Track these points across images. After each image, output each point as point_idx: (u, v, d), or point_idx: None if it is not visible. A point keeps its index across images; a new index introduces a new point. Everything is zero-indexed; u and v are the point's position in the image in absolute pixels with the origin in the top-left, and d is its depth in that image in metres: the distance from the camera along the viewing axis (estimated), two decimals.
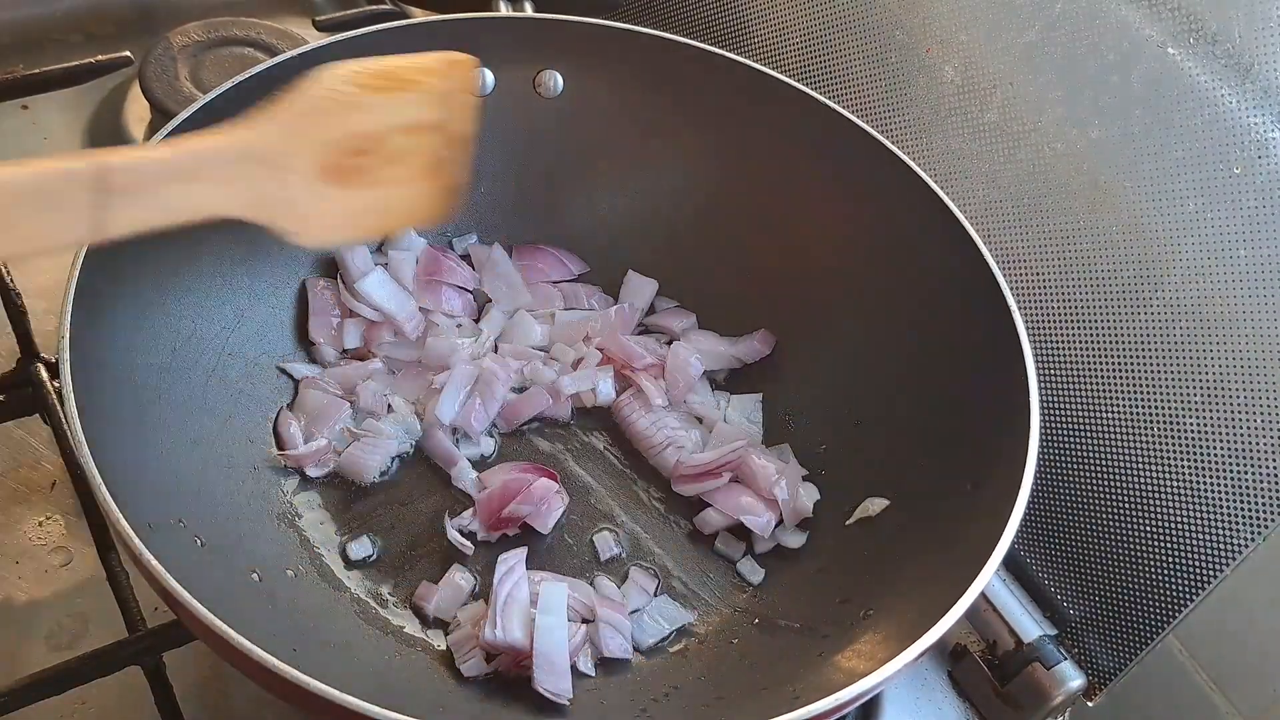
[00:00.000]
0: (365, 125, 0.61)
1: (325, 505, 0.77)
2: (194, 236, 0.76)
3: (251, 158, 0.55)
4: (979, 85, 0.86)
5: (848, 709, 0.58)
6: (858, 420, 0.83)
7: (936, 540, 0.71)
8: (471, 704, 0.69)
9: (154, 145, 0.50)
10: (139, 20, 1.12)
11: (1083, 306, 0.80)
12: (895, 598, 0.70)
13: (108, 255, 0.68)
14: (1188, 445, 0.74)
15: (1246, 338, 0.72)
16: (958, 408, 0.76)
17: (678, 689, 0.71)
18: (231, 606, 0.57)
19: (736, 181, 0.89)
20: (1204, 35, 0.74)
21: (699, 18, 1.05)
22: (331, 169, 0.59)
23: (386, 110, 0.62)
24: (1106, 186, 0.79)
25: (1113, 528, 0.77)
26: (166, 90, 0.98)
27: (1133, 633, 0.76)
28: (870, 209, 0.84)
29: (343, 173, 0.60)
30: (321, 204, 0.59)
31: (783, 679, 0.69)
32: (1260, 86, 0.71)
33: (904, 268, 0.82)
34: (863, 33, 0.93)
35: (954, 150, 0.87)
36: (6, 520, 0.78)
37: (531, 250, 0.91)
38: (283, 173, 0.56)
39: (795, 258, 0.88)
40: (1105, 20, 0.79)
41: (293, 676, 0.54)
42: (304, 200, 0.58)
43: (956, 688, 0.80)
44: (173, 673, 0.69)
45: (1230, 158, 0.72)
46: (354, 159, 0.60)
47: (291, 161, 0.57)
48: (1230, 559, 0.71)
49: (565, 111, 0.90)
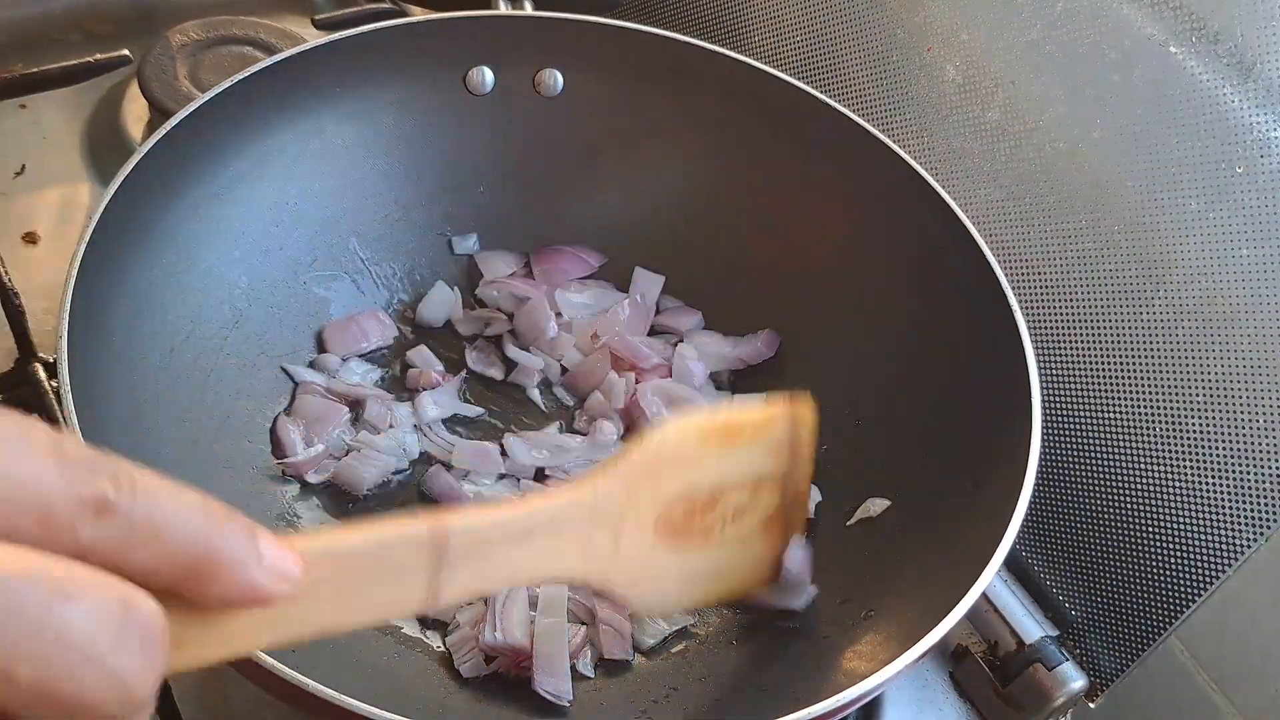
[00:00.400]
0: (705, 481, 0.58)
1: (325, 506, 0.77)
2: (194, 237, 0.77)
3: (593, 518, 0.51)
4: (980, 84, 0.86)
5: (849, 710, 0.58)
6: (858, 420, 0.83)
7: (938, 541, 0.71)
8: (471, 705, 0.69)
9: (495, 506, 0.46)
10: (138, 19, 1.12)
11: (1085, 306, 0.80)
12: (896, 598, 0.70)
13: (106, 255, 0.67)
14: (1190, 445, 0.74)
15: (1249, 338, 0.71)
16: (959, 407, 0.76)
17: (677, 690, 0.71)
18: None
19: (737, 180, 0.89)
20: (1206, 34, 0.74)
21: (699, 16, 1.05)
22: (669, 528, 0.56)
23: (727, 464, 0.59)
24: (1108, 185, 0.78)
25: (1115, 528, 0.77)
26: (165, 89, 0.98)
27: (1135, 634, 0.76)
28: (871, 208, 0.84)
29: (678, 531, 0.57)
30: (658, 566, 0.56)
31: (783, 680, 0.69)
32: (1263, 85, 0.71)
33: (905, 267, 0.82)
34: (864, 31, 0.93)
35: (955, 149, 0.87)
36: None
37: (550, 253, 0.91)
38: (621, 532, 0.53)
39: (796, 257, 0.87)
40: (1107, 19, 0.78)
41: (291, 677, 0.53)
42: (638, 559, 0.55)
43: (958, 689, 0.80)
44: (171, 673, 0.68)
45: (1233, 157, 0.72)
46: (692, 517, 0.57)
47: (630, 520, 0.54)
48: (1233, 560, 0.71)
49: (565, 110, 0.89)
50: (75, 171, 0.99)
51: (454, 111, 0.88)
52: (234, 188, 0.79)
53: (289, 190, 0.82)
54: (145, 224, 0.73)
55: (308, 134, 0.83)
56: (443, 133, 0.88)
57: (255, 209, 0.80)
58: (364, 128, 0.85)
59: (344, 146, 0.85)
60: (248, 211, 0.80)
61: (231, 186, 0.79)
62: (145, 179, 0.71)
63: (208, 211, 0.77)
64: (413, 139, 0.87)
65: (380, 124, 0.86)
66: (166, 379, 0.73)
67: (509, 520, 0.46)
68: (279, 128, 0.81)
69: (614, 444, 0.82)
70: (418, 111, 0.87)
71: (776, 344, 0.87)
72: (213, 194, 0.77)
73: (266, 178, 0.81)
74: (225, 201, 0.78)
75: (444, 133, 0.88)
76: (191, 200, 0.76)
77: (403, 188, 0.88)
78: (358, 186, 0.86)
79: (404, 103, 0.86)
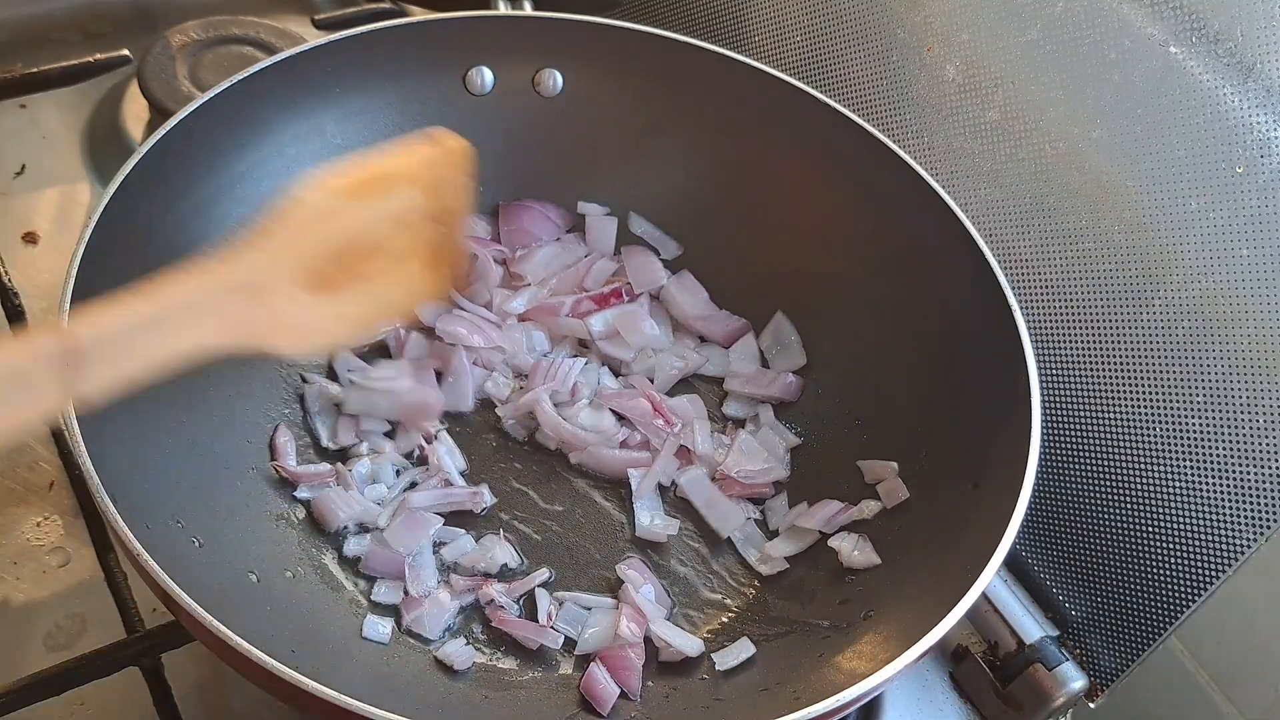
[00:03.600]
0: (349, 229, 0.59)
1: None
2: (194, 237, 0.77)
3: (229, 289, 0.53)
4: (981, 84, 0.85)
5: (849, 710, 0.58)
6: (858, 420, 0.83)
7: (938, 541, 0.71)
8: (469, 705, 0.69)
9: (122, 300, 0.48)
10: (137, 19, 1.12)
11: (1085, 306, 0.80)
12: (896, 598, 0.70)
13: (106, 255, 0.67)
14: (1190, 445, 0.74)
15: (1249, 337, 0.71)
16: (959, 407, 0.76)
17: (677, 690, 0.71)
18: (230, 607, 0.57)
19: (736, 180, 0.89)
20: (1206, 34, 0.74)
21: (699, 16, 1.05)
22: (314, 279, 0.57)
23: (372, 209, 0.60)
24: (1108, 185, 0.78)
25: (1115, 528, 0.77)
26: (165, 89, 0.98)
27: (1135, 633, 0.76)
28: (871, 209, 0.84)
29: (326, 280, 0.58)
30: (309, 315, 0.57)
31: (783, 680, 0.69)
32: (1262, 85, 0.71)
33: (905, 267, 0.82)
34: (864, 31, 0.93)
35: (955, 149, 0.87)
36: (4, 521, 0.77)
37: (516, 211, 0.90)
38: (264, 297, 0.54)
39: (795, 257, 0.87)
40: (1107, 19, 0.78)
41: (291, 677, 0.53)
42: (290, 316, 0.56)
43: (958, 689, 0.80)
44: (171, 674, 0.69)
45: (1232, 157, 0.72)
46: (337, 263, 0.58)
47: (271, 284, 0.55)
48: (1232, 560, 0.71)
49: (565, 110, 0.89)
50: (75, 171, 0.99)
51: (454, 111, 0.88)
52: (234, 188, 0.79)
53: (289, 190, 0.82)
54: (145, 224, 0.73)
55: (308, 134, 0.83)
56: None
57: (255, 209, 0.80)
58: (364, 128, 0.85)
59: (343, 146, 0.84)
60: (248, 212, 0.80)
61: (232, 186, 0.78)
62: (145, 179, 0.71)
63: (208, 211, 0.77)
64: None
65: (380, 124, 0.86)
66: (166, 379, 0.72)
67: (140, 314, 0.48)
68: (279, 128, 0.81)
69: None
70: (418, 111, 0.87)
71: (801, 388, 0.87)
72: (213, 194, 0.77)
73: (266, 177, 0.80)
74: (225, 201, 0.78)
75: None
76: (191, 200, 0.76)
77: None
78: None
79: (404, 103, 0.86)
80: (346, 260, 0.59)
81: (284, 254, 0.56)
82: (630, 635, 0.72)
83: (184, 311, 0.51)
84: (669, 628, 0.73)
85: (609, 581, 0.76)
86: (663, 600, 0.75)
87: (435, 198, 0.64)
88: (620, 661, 0.70)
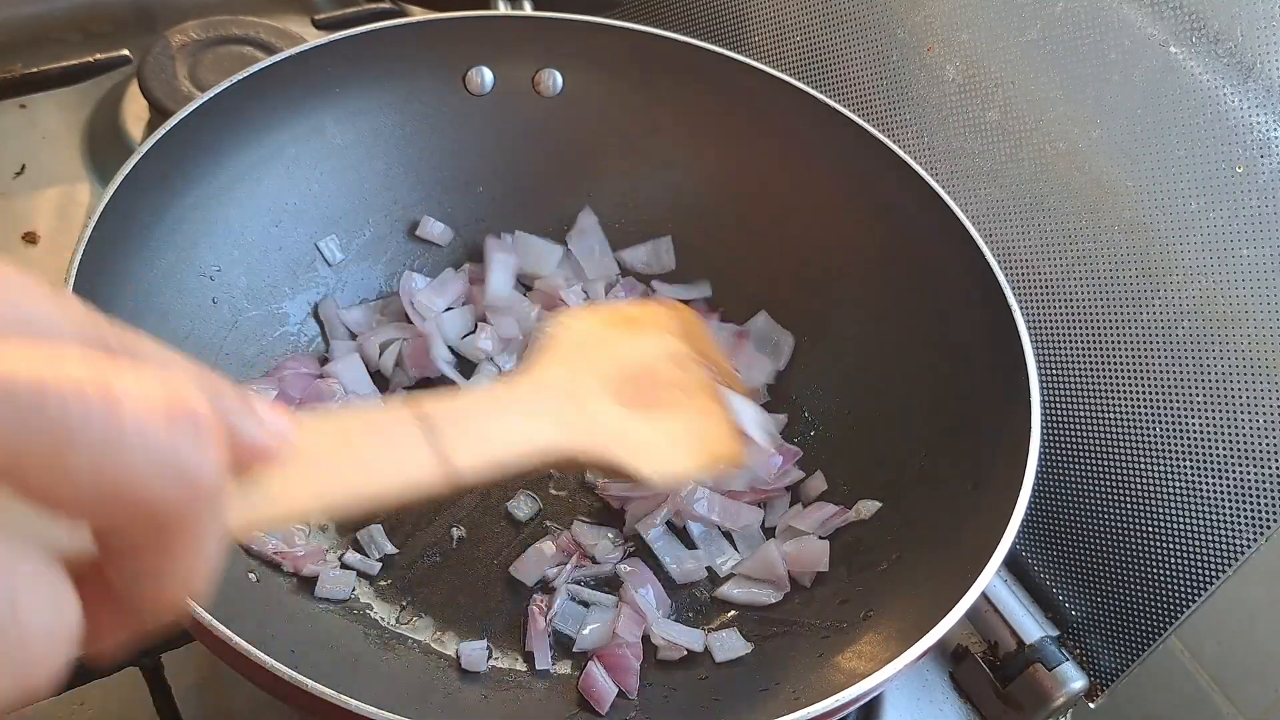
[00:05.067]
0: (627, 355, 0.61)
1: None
2: (194, 237, 0.77)
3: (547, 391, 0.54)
4: (980, 84, 0.85)
5: (848, 710, 0.58)
6: (857, 420, 0.83)
7: (938, 541, 0.71)
8: (468, 704, 0.69)
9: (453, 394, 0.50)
10: (137, 19, 1.12)
11: (1085, 306, 0.80)
12: (896, 598, 0.70)
13: (105, 256, 0.67)
14: (1190, 445, 0.74)
15: (1249, 337, 0.71)
16: (959, 408, 0.76)
17: (676, 690, 0.71)
18: (229, 608, 0.56)
19: (736, 180, 0.89)
20: (1206, 34, 0.74)
21: (699, 16, 1.05)
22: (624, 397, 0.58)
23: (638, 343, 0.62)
24: (1108, 185, 0.78)
25: (1115, 528, 0.77)
26: (165, 89, 0.98)
27: (1135, 634, 0.76)
28: (871, 209, 0.84)
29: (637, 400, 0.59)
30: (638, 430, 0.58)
31: (783, 680, 0.69)
32: (1263, 85, 0.71)
33: (904, 267, 0.82)
34: (864, 31, 0.93)
35: (955, 149, 0.87)
36: None
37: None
38: (581, 401, 0.55)
39: (794, 257, 0.87)
40: (1107, 19, 0.78)
41: (291, 678, 0.53)
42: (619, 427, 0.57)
43: (958, 689, 0.80)
44: (171, 674, 0.69)
45: (1233, 157, 0.72)
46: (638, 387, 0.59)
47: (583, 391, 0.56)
48: (1233, 560, 0.71)
49: (565, 110, 0.89)
50: (75, 171, 0.99)
51: (454, 111, 0.88)
52: (234, 188, 0.79)
53: (288, 190, 0.82)
54: (145, 224, 0.73)
55: (307, 134, 0.83)
56: (442, 133, 0.88)
57: (255, 209, 0.80)
58: (364, 128, 0.85)
59: (344, 146, 0.85)
60: (247, 211, 0.80)
61: (231, 186, 0.79)
62: (145, 179, 0.71)
63: (207, 212, 0.77)
64: (413, 139, 0.87)
65: (380, 124, 0.86)
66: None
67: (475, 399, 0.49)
68: (279, 128, 0.81)
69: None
70: (418, 111, 0.87)
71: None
72: (213, 194, 0.77)
73: (266, 178, 0.81)
74: (225, 201, 0.78)
75: (443, 133, 0.88)
76: (191, 200, 0.76)
77: (402, 188, 0.88)
78: (357, 187, 0.86)
79: (404, 103, 0.86)
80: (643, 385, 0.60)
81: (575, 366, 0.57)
82: (629, 635, 0.72)
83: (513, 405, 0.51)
84: (669, 625, 0.73)
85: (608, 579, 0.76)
86: (662, 601, 0.75)
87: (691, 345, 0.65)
88: (618, 661, 0.70)
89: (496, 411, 0.50)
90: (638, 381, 0.60)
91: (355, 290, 0.86)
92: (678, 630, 0.73)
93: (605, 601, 0.74)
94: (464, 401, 0.48)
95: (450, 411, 0.45)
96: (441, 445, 0.44)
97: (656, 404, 0.61)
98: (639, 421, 0.59)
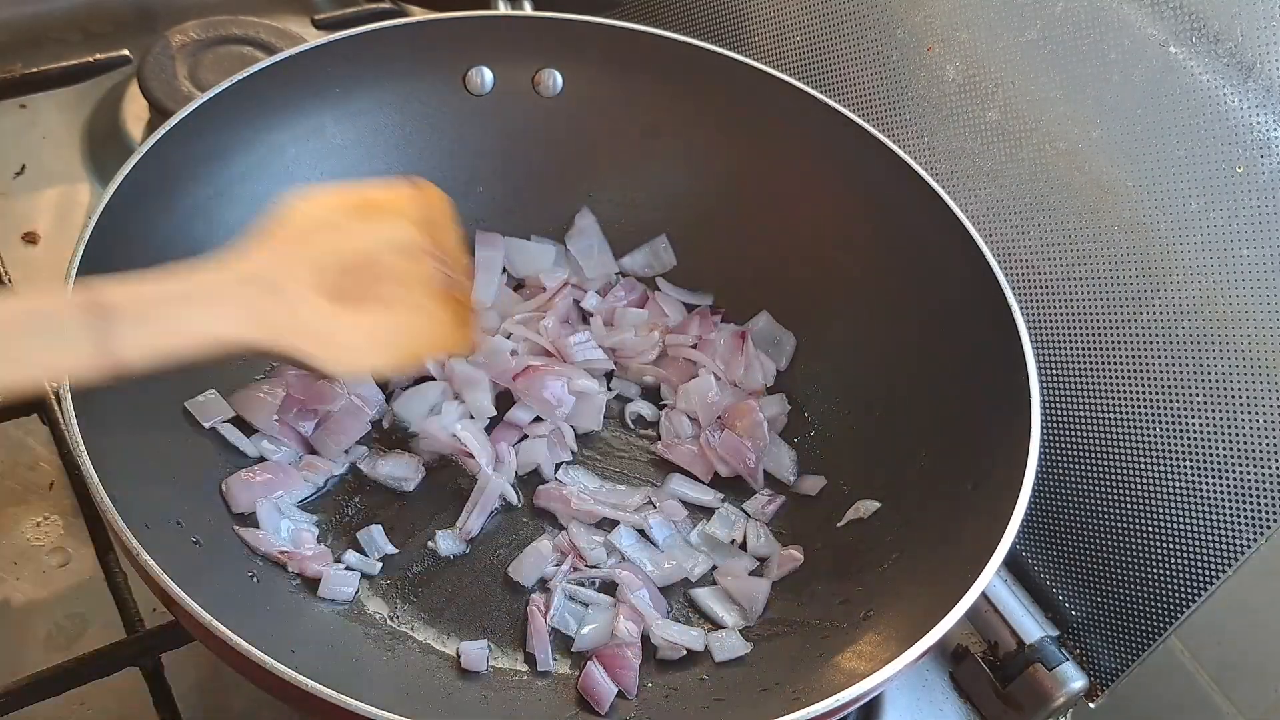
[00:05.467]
0: (351, 244, 0.60)
1: (323, 508, 0.77)
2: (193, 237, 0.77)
3: (246, 281, 0.54)
4: (981, 84, 0.85)
5: (848, 709, 0.58)
6: (857, 420, 0.83)
7: (937, 540, 0.71)
8: (468, 704, 0.68)
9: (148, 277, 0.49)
10: (137, 19, 1.12)
11: (1085, 306, 0.80)
12: (896, 598, 0.70)
13: (105, 256, 0.67)
14: (1190, 445, 0.74)
15: (1249, 337, 0.71)
16: (959, 407, 0.76)
17: (676, 690, 0.71)
18: (229, 607, 0.56)
19: (736, 180, 0.89)
20: (1206, 34, 0.74)
21: (699, 16, 1.05)
22: (331, 289, 0.58)
23: (369, 230, 0.61)
24: (1108, 185, 0.78)
25: (1115, 528, 0.77)
26: (165, 89, 0.98)
27: (1135, 633, 0.76)
28: (871, 209, 0.84)
29: (343, 292, 0.59)
30: (336, 326, 0.58)
31: (783, 680, 0.69)
32: (1262, 85, 0.71)
33: (905, 267, 0.82)
34: (864, 31, 0.93)
35: (956, 149, 0.87)
36: (4, 521, 0.77)
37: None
38: (282, 294, 0.55)
39: (794, 257, 0.87)
40: (1107, 19, 0.78)
41: (291, 678, 0.54)
42: (315, 322, 0.57)
43: (958, 689, 0.80)
44: (171, 674, 0.69)
45: (1232, 157, 0.72)
46: (353, 280, 0.59)
47: (287, 283, 0.56)
48: (1233, 560, 0.71)
49: (565, 110, 0.89)
50: (75, 171, 0.99)
51: (454, 111, 0.88)
52: (233, 188, 0.79)
53: (288, 190, 0.82)
54: (145, 224, 0.73)
55: (307, 134, 0.83)
56: (442, 133, 0.88)
57: (255, 209, 0.80)
58: (364, 128, 0.85)
59: (343, 146, 0.84)
60: (248, 211, 0.80)
61: (231, 186, 0.78)
62: (145, 179, 0.71)
63: (207, 211, 0.77)
64: (412, 139, 0.87)
65: (380, 124, 0.86)
66: (165, 378, 0.72)
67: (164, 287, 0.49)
68: (279, 128, 0.81)
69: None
70: (418, 111, 0.87)
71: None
72: (212, 194, 0.77)
73: (266, 178, 0.80)
74: (225, 201, 0.78)
75: (444, 133, 0.88)
76: (191, 200, 0.76)
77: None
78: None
79: (404, 103, 0.86)
80: (359, 278, 0.60)
81: (291, 255, 0.57)
82: (627, 635, 0.72)
83: (206, 295, 0.51)
84: (669, 625, 0.73)
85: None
86: (659, 604, 0.75)
87: (428, 234, 0.65)
88: (617, 660, 0.70)
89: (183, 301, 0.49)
90: (355, 274, 0.60)
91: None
92: (678, 630, 0.73)
93: (603, 601, 0.74)
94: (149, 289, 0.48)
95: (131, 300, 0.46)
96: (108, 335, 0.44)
97: (367, 298, 0.60)
98: (340, 317, 0.58)
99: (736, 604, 0.76)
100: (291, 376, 0.79)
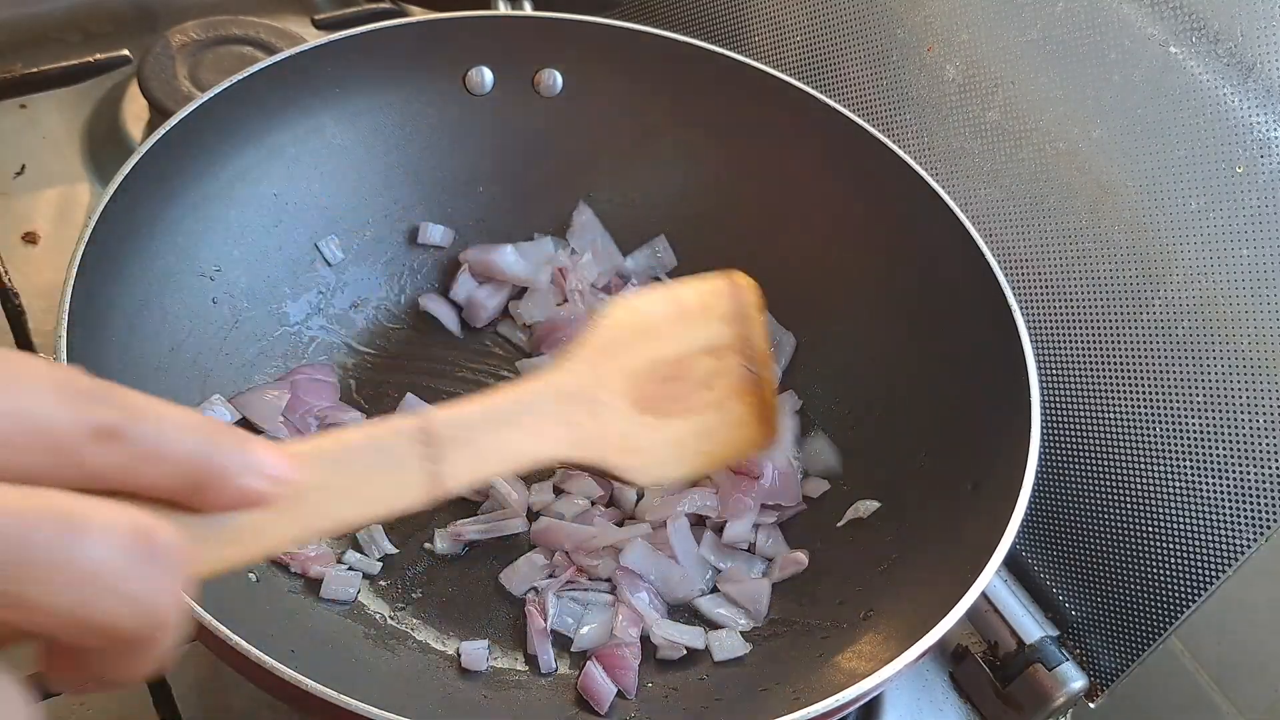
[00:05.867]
0: (666, 351, 0.60)
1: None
2: (194, 237, 0.77)
3: (566, 398, 0.54)
4: (980, 84, 0.85)
5: (848, 710, 0.58)
6: (856, 420, 0.83)
7: (937, 541, 0.71)
8: (468, 704, 0.69)
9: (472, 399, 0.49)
10: (137, 19, 1.11)
11: (1085, 306, 0.80)
12: (896, 598, 0.70)
13: (106, 255, 0.67)
14: (1190, 445, 0.74)
15: (1249, 338, 0.71)
16: (958, 407, 0.76)
17: (676, 690, 0.71)
18: (230, 608, 0.56)
19: (736, 181, 0.89)
20: (1206, 34, 0.74)
21: (699, 16, 1.05)
22: (645, 399, 0.58)
23: (683, 335, 0.62)
24: (1108, 185, 0.78)
25: (1115, 528, 0.77)
26: (165, 89, 0.98)
27: (1135, 633, 0.76)
28: (871, 209, 0.84)
29: (657, 402, 0.59)
30: (645, 436, 0.58)
31: (782, 680, 0.69)
32: (1263, 85, 0.71)
33: (905, 268, 0.82)
34: (864, 31, 0.93)
35: (955, 149, 0.87)
36: None
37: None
38: (597, 408, 0.55)
39: (794, 257, 0.87)
40: (1107, 19, 0.78)
41: (291, 678, 0.53)
42: (627, 434, 0.57)
43: (957, 689, 0.80)
44: (171, 674, 0.69)
45: (1233, 157, 0.72)
46: (664, 387, 0.59)
47: (603, 395, 0.56)
48: (1233, 560, 0.71)
49: (565, 111, 0.89)
50: (75, 171, 0.99)
51: (454, 111, 0.88)
52: (234, 188, 0.79)
53: (288, 190, 0.82)
54: (145, 224, 0.73)
55: (307, 134, 0.83)
56: (442, 133, 0.88)
57: (255, 209, 0.80)
58: (364, 128, 0.85)
59: (344, 147, 0.85)
60: (247, 212, 0.80)
61: (231, 186, 0.79)
62: (145, 179, 0.71)
63: (207, 211, 0.77)
64: (413, 139, 0.87)
65: (380, 124, 0.86)
66: (166, 379, 0.73)
67: (488, 409, 0.49)
68: (279, 128, 0.81)
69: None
70: (418, 111, 0.87)
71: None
72: (212, 194, 0.77)
73: (266, 178, 0.81)
74: (225, 202, 0.78)
75: (443, 133, 0.88)
76: (191, 200, 0.76)
77: (402, 188, 0.88)
78: (357, 187, 0.86)
79: (404, 103, 0.86)
80: (668, 384, 0.60)
81: (610, 368, 0.57)
82: (627, 634, 0.72)
83: (528, 415, 0.51)
84: (669, 625, 0.73)
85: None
86: (658, 604, 0.75)
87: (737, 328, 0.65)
88: (617, 660, 0.70)
89: (504, 422, 0.49)
90: (666, 382, 0.60)
91: (356, 290, 0.86)
92: (678, 629, 0.73)
93: (602, 601, 0.74)
94: (472, 412, 0.48)
95: (456, 424, 0.46)
96: (437, 463, 0.44)
97: (676, 407, 0.60)
98: (650, 427, 0.58)
99: (741, 607, 0.75)
100: (300, 379, 0.79)
